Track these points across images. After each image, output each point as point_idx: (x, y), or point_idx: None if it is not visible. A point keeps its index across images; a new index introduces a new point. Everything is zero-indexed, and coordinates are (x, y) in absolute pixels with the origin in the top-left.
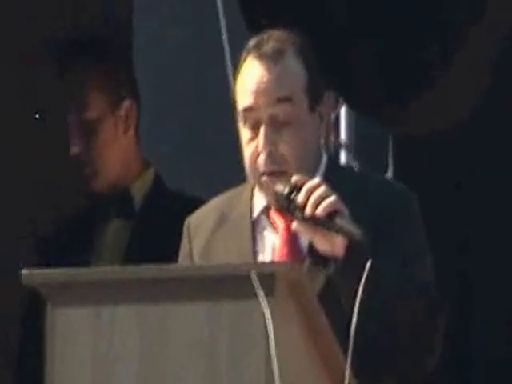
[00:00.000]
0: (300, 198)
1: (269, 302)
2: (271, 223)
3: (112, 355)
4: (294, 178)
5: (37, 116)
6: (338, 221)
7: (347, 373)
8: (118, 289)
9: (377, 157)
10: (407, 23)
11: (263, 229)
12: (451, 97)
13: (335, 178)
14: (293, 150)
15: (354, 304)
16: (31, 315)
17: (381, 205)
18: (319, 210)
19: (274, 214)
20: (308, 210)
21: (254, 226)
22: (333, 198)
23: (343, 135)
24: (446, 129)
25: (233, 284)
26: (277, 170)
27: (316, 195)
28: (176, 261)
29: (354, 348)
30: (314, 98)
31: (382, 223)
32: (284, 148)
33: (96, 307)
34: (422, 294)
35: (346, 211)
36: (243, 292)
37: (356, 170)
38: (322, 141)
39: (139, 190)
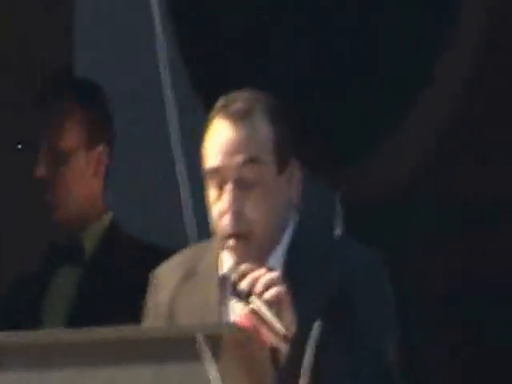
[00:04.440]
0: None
1: (216, 364)
2: None
3: None
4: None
5: (19, 146)
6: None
7: None
8: (57, 352)
9: (324, 215)
10: (362, 86)
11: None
12: (400, 158)
13: (302, 241)
14: (259, 212)
15: None
16: None
17: (344, 273)
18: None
19: None
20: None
21: (222, 282)
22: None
23: None
24: (397, 192)
25: (179, 346)
26: (242, 232)
27: (259, 286)
28: (141, 312)
29: None
30: (283, 160)
31: (344, 293)
32: (250, 210)
33: (29, 371)
34: None
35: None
36: (190, 354)
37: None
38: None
39: (91, 237)
